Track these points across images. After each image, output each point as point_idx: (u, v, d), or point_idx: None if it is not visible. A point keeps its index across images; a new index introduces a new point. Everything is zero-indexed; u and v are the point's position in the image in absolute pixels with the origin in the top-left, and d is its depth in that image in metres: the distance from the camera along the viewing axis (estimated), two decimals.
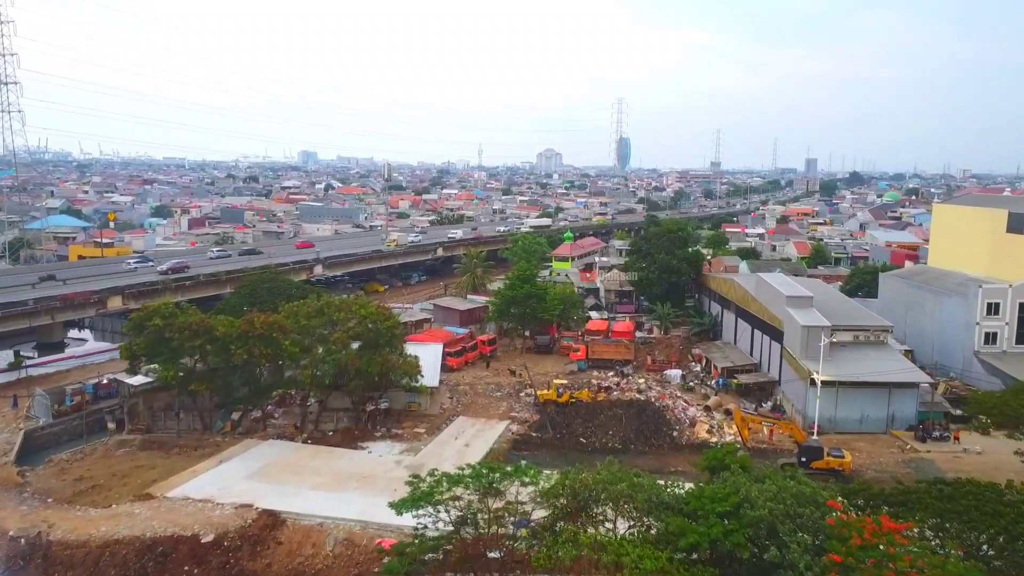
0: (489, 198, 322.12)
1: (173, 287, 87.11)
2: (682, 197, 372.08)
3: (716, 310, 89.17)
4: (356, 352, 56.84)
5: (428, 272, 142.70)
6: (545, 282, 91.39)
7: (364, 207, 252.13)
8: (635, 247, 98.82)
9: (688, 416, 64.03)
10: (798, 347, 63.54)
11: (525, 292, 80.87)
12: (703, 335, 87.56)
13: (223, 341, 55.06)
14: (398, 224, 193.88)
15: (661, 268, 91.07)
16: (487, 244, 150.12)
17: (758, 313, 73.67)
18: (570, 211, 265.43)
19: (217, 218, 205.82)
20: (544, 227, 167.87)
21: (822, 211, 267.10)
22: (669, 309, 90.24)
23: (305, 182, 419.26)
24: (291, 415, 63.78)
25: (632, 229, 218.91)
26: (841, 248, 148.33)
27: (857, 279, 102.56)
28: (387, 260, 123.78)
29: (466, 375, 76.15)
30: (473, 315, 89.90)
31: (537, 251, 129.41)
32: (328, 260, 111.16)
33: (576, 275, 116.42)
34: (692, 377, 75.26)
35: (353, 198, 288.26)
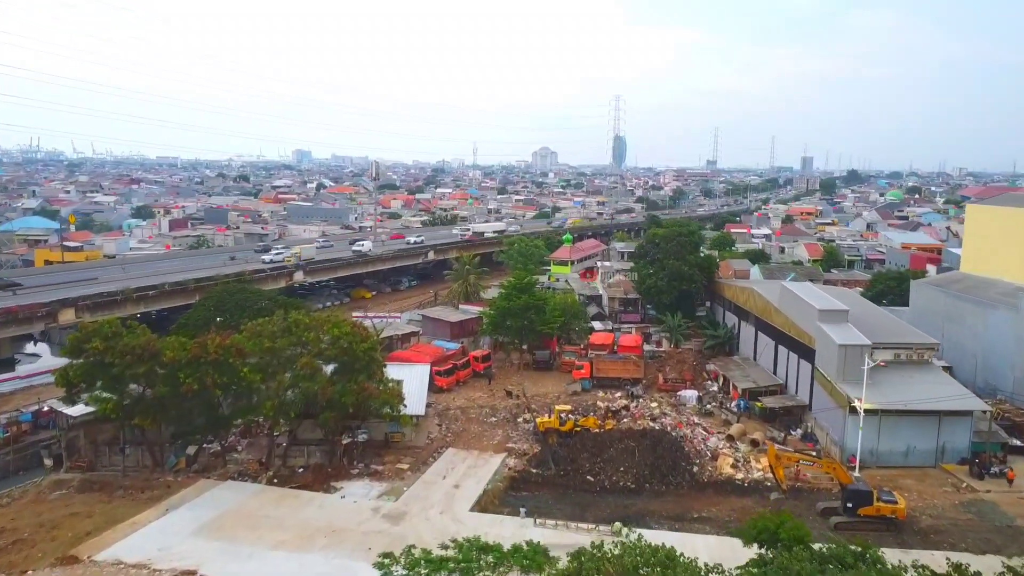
0: (484, 197, 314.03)
1: (135, 297, 79.04)
2: (681, 196, 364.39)
3: (732, 321, 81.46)
4: (327, 379, 48.96)
5: (419, 276, 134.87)
6: (544, 290, 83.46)
7: (355, 207, 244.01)
8: (641, 252, 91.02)
9: (709, 447, 56.29)
10: (833, 368, 55.86)
11: (522, 303, 73.08)
12: (718, 349, 79.85)
13: (172, 368, 47.17)
14: (388, 225, 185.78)
15: (671, 275, 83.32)
16: (481, 247, 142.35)
17: (783, 327, 65.96)
18: (567, 211, 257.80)
19: (201, 219, 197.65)
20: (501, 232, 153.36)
21: (826, 211, 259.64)
22: (680, 320, 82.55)
23: (297, 181, 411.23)
24: (256, 448, 55.83)
25: (632, 229, 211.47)
26: (854, 250, 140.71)
27: (880, 285, 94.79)
28: (374, 265, 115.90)
29: (457, 397, 68.34)
30: (466, 327, 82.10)
31: (535, 255, 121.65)
32: (310, 266, 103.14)
33: (577, 280, 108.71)
34: (709, 398, 67.56)
35: (344, 198, 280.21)
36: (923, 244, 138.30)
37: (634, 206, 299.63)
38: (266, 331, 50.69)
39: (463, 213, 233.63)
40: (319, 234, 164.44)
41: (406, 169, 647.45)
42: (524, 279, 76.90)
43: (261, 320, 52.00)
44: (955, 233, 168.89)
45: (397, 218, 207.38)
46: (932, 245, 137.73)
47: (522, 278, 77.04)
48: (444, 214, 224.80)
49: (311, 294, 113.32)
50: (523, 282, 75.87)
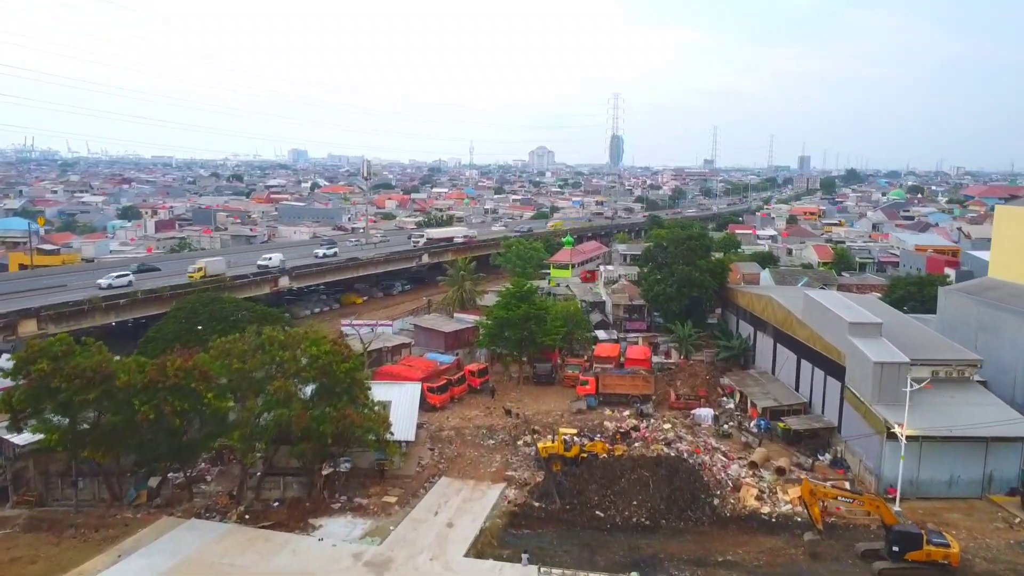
0: (480, 197, 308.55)
1: (104, 307, 73.25)
2: (680, 196, 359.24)
3: (747, 331, 75.96)
4: (304, 405, 43.36)
5: (413, 280, 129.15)
6: (544, 297, 77.85)
7: (348, 207, 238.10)
8: (648, 256, 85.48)
9: (730, 476, 50.81)
10: (868, 389, 50.42)
11: (522, 313, 67.52)
12: (732, 361, 74.36)
13: (126, 393, 41.56)
14: (382, 226, 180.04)
15: (680, 281, 77.79)
16: (477, 249, 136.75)
17: (807, 340, 60.47)
18: (566, 211, 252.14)
19: (188, 220, 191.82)
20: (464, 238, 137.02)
21: (829, 211, 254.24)
22: (690, 330, 77.04)
23: (291, 181, 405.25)
24: (228, 477, 50.25)
25: (632, 230, 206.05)
26: (865, 252, 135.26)
27: (900, 291, 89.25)
28: (365, 269, 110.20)
29: (452, 415, 62.79)
30: (461, 338, 76.55)
31: (533, 257, 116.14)
32: (296, 270, 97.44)
33: (579, 285, 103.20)
34: (726, 417, 62.06)
35: (338, 197, 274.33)
36: (938, 246, 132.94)
37: (634, 206, 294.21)
38: (236, 350, 45.07)
39: (459, 213, 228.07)
40: (310, 236, 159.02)
41: (402, 168, 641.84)
42: (523, 286, 71.31)
43: (230, 337, 46.30)
44: (967, 234, 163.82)
45: (391, 218, 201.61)
46: (947, 247, 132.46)
47: (521, 285, 71.46)
48: (440, 214, 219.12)
49: (299, 299, 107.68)
50: (522, 290, 70.30)
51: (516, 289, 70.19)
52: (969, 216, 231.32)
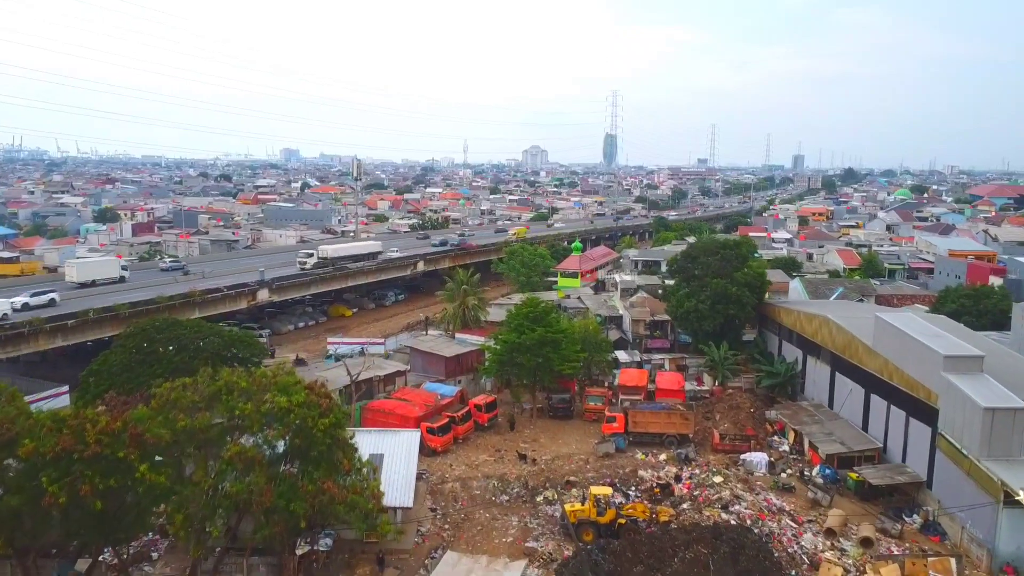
0: (476, 197, 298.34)
1: (48, 329, 62.86)
2: (681, 196, 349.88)
3: (791, 354, 66.16)
4: (269, 476, 33.29)
5: (407, 288, 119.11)
6: (558, 314, 67.79)
7: (339, 208, 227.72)
8: (676, 267, 75.53)
9: (804, 548, 40.98)
10: (974, 440, 40.65)
11: (537, 337, 57.58)
12: (776, 390, 64.62)
13: (31, 466, 31.45)
14: (373, 229, 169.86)
15: (714, 296, 67.94)
16: (476, 255, 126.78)
17: (880, 372, 50.69)
18: (565, 211, 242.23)
19: (169, 222, 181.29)
20: (371, 255, 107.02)
21: (838, 212, 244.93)
22: (726, 352, 67.26)
23: (281, 181, 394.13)
24: (179, 554, 40.17)
25: (637, 232, 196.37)
26: (893, 257, 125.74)
27: (952, 303, 79.56)
28: (355, 279, 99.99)
29: (456, 461, 52.86)
30: (464, 363, 66.65)
31: (538, 265, 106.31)
32: (277, 282, 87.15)
33: (590, 297, 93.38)
34: (783, 463, 52.26)
35: (328, 198, 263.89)
36: (973, 251, 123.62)
37: (634, 206, 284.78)
38: (183, 400, 34.92)
39: (455, 215, 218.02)
40: (297, 239, 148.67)
41: (395, 168, 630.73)
42: (537, 304, 61.30)
43: (177, 384, 36.09)
44: (994, 236, 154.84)
45: (384, 220, 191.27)
46: (983, 252, 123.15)
47: (535, 303, 61.43)
48: (435, 216, 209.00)
49: (281, 313, 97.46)
50: (536, 309, 60.30)
51: (529, 308, 60.18)
52: (982, 216, 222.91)
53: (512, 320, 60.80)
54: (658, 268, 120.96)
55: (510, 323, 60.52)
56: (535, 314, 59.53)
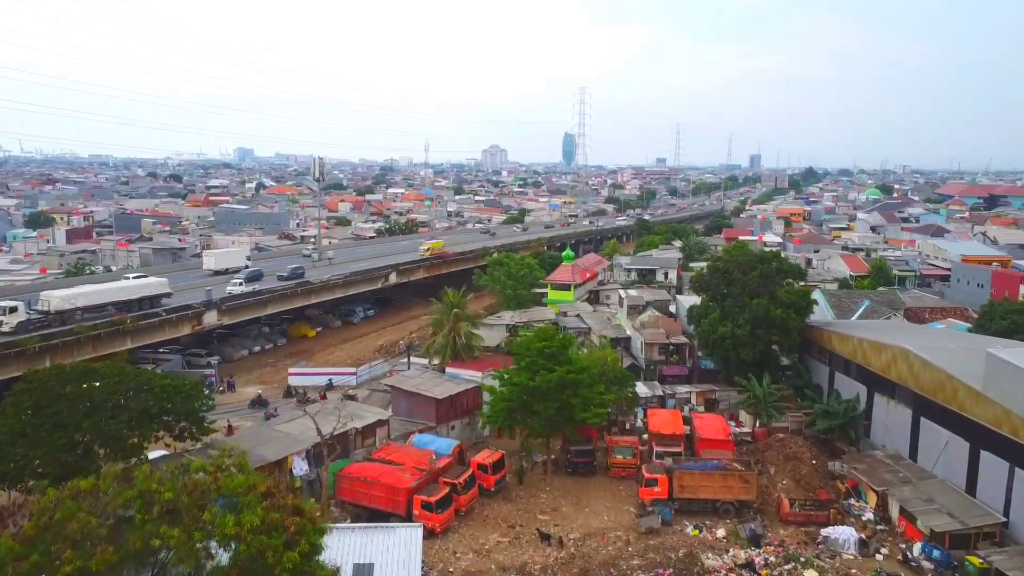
0: (440, 198, 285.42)
1: None
2: (650, 195, 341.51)
3: (849, 388, 55.56)
4: None
5: (377, 303, 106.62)
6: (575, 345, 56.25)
7: (297, 210, 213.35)
8: (704, 285, 64.42)
9: None
10: None
11: (556, 380, 45.97)
12: (835, 433, 53.97)
13: None
14: (336, 233, 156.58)
15: (755, 320, 57.17)
16: (453, 263, 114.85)
17: (996, 424, 40.17)
18: (536, 213, 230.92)
19: (110, 227, 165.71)
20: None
21: (816, 212, 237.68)
22: (769, 386, 56.52)
23: (235, 181, 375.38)
24: None
25: (619, 236, 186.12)
26: (903, 263, 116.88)
27: (1002, 320, 69.87)
28: (319, 295, 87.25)
29: (460, 543, 41.09)
30: (458, 405, 54.72)
31: (526, 276, 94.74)
32: (227, 302, 74.09)
33: (592, 315, 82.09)
34: (876, 540, 41.46)
35: (285, 199, 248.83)
36: (988, 256, 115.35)
37: (605, 207, 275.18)
38: (71, 527, 22.60)
39: (421, 216, 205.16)
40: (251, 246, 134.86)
41: (353, 168, 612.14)
42: (553, 336, 49.64)
43: (68, 491, 23.76)
44: (992, 239, 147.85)
45: (346, 224, 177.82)
46: (999, 257, 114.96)
47: (550, 335, 49.76)
48: (400, 218, 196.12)
49: (234, 336, 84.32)
50: (552, 342, 48.66)
51: (543, 342, 48.44)
52: (959, 216, 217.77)
53: (522, 355, 49.14)
54: (653, 277, 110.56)
55: (520, 360, 48.83)
56: (551, 349, 47.90)
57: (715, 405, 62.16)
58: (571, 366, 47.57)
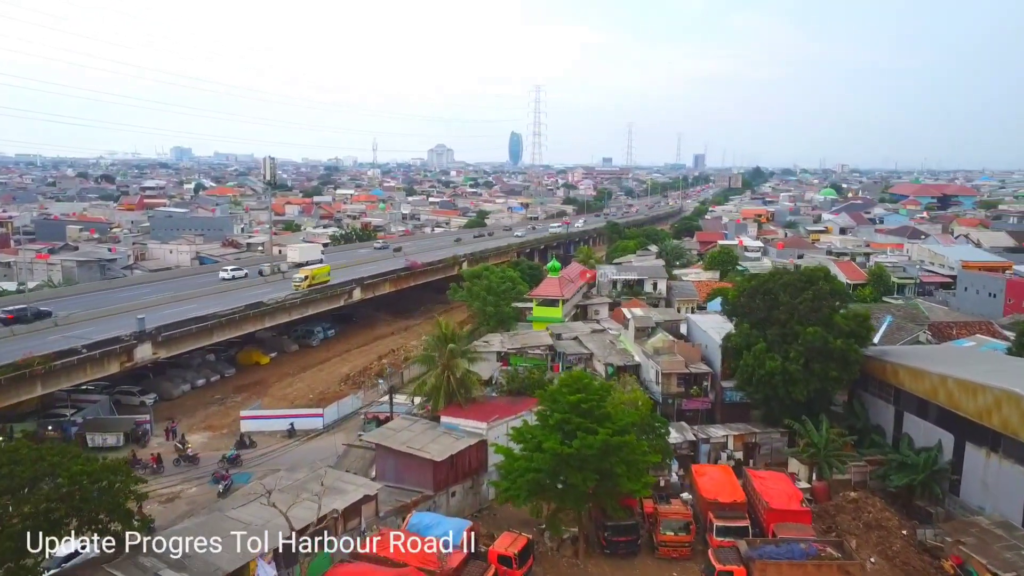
0: (392, 199, 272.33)
1: None
2: (606, 196, 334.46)
3: (927, 434, 46.59)
4: None
5: (337, 319, 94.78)
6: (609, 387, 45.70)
7: (241, 214, 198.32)
8: (741, 309, 54.74)
9: None
10: None
11: (599, 445, 35.65)
12: (921, 490, 44.88)
13: None
14: (286, 240, 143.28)
15: (810, 352, 47.88)
16: (421, 275, 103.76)
17: None
18: (496, 215, 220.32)
19: (32, 235, 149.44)
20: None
21: (780, 213, 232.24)
22: (829, 432, 47.31)
23: (172, 182, 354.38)
24: None
25: (584, 239, 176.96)
26: (900, 270, 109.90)
27: None
28: (274, 317, 75.23)
29: None
30: (460, 466, 44.03)
31: (509, 291, 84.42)
32: (164, 331, 61.72)
33: (593, 338, 72.08)
34: None
35: (227, 201, 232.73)
36: (988, 262, 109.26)
37: (564, 208, 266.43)
38: None
39: (376, 220, 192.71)
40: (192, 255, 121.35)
41: (296, 167, 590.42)
42: (588, 386, 39.19)
43: None
44: (976, 242, 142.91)
45: (296, 229, 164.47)
46: (999, 263, 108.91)
47: (584, 383, 39.24)
48: (354, 222, 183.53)
49: (173, 367, 71.79)
50: (590, 394, 38.24)
51: (578, 393, 37.93)
52: (918, 217, 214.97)
53: (550, 409, 38.64)
54: (640, 287, 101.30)
55: (547, 419, 38.30)
56: (589, 402, 37.56)
57: (755, 450, 52.88)
58: (612, 423, 37.36)
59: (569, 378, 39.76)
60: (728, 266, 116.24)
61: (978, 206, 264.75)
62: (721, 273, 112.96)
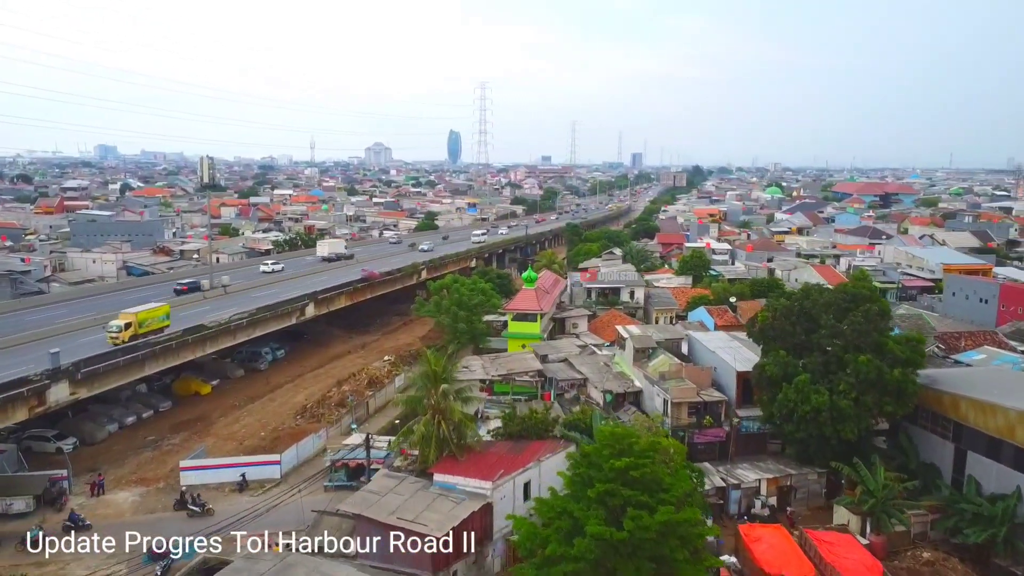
0: (334, 200, 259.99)
1: None
2: (552, 195, 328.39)
3: (998, 477, 40.25)
4: None
5: (288, 338, 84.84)
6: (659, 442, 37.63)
7: (172, 216, 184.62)
8: (773, 333, 47.60)
9: None
10: None
11: (657, 526, 27.89)
12: (996, 547, 38.51)
13: None
14: (224, 246, 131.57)
15: (862, 385, 41.11)
16: (379, 287, 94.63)
17: None
18: (446, 216, 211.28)
19: None
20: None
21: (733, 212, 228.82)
22: (887, 478, 40.63)
23: (96, 182, 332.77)
24: None
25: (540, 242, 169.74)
26: (879, 273, 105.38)
27: None
28: (218, 342, 65.17)
29: None
30: (460, 538, 35.66)
31: (481, 305, 76.33)
32: (85, 367, 51.40)
33: (584, 359, 64.39)
34: None
35: (156, 203, 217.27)
36: (968, 265, 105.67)
37: (514, 208, 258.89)
38: None
39: (319, 223, 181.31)
40: (118, 265, 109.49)
41: (228, 166, 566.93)
42: (633, 445, 31.36)
43: None
44: (942, 242, 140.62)
45: (234, 234, 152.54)
46: (978, 266, 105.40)
47: (630, 441, 31.35)
48: (296, 225, 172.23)
49: (98, 403, 61.26)
50: (642, 459, 30.40)
51: (625, 458, 30.10)
52: (866, 216, 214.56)
53: (587, 478, 30.68)
54: (617, 297, 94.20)
55: (582, 487, 30.36)
56: (638, 468, 29.72)
57: (790, 494, 46.00)
58: (668, 493, 29.67)
59: (610, 436, 31.79)
60: (700, 271, 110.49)
61: (919, 204, 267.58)
62: (694, 278, 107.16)
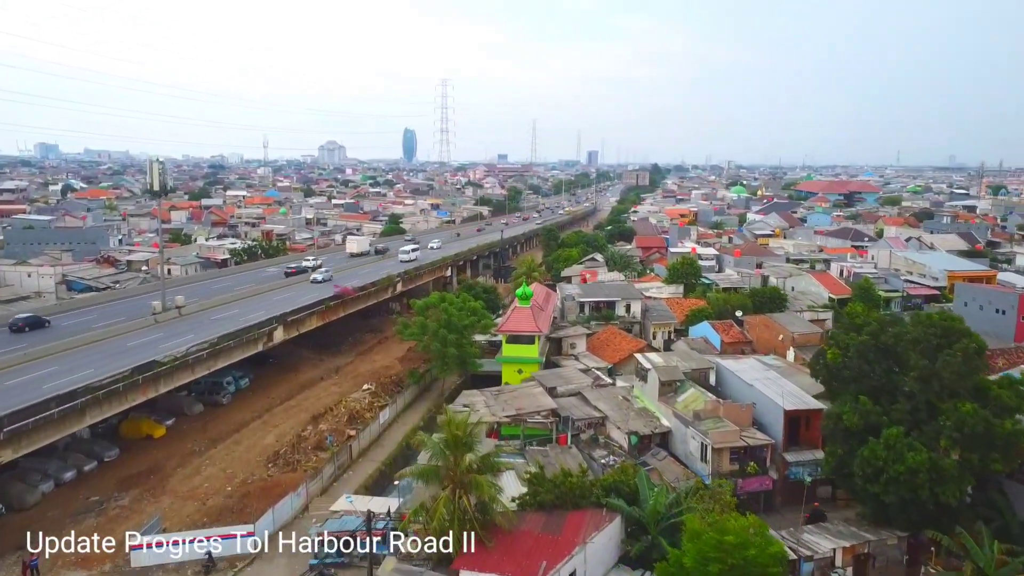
0: (291, 201, 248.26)
1: None
2: (516, 194, 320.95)
3: None
4: None
5: (252, 364, 75.48)
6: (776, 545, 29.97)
7: (118, 221, 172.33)
8: (846, 374, 40.35)
9: None
10: None
11: None
12: None
13: None
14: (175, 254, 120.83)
15: (967, 440, 34.24)
16: (352, 304, 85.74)
17: None
18: (411, 218, 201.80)
19: None
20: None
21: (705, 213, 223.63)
22: (999, 550, 33.81)
23: (35, 183, 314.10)
24: None
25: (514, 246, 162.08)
26: (880, 280, 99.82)
27: None
28: (174, 379, 55.76)
29: None
30: None
31: (472, 326, 68.32)
32: (11, 427, 41.81)
33: (605, 397, 56.71)
34: None
35: (100, 206, 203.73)
36: (971, 271, 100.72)
37: (479, 209, 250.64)
38: None
39: (277, 227, 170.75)
40: (57, 279, 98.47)
41: (177, 165, 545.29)
42: (751, 539, 23.82)
43: None
44: (930, 245, 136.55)
45: (186, 241, 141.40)
46: (982, 272, 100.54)
47: (744, 537, 23.84)
48: (252, 230, 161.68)
49: (27, 458, 51.69)
50: (761, 556, 22.89)
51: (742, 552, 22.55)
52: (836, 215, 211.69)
53: None
54: (612, 311, 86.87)
55: None
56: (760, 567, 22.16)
57: (868, 564, 39.00)
58: None
59: (711, 543, 24.10)
60: (691, 279, 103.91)
61: (882, 202, 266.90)
62: (685, 287, 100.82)
